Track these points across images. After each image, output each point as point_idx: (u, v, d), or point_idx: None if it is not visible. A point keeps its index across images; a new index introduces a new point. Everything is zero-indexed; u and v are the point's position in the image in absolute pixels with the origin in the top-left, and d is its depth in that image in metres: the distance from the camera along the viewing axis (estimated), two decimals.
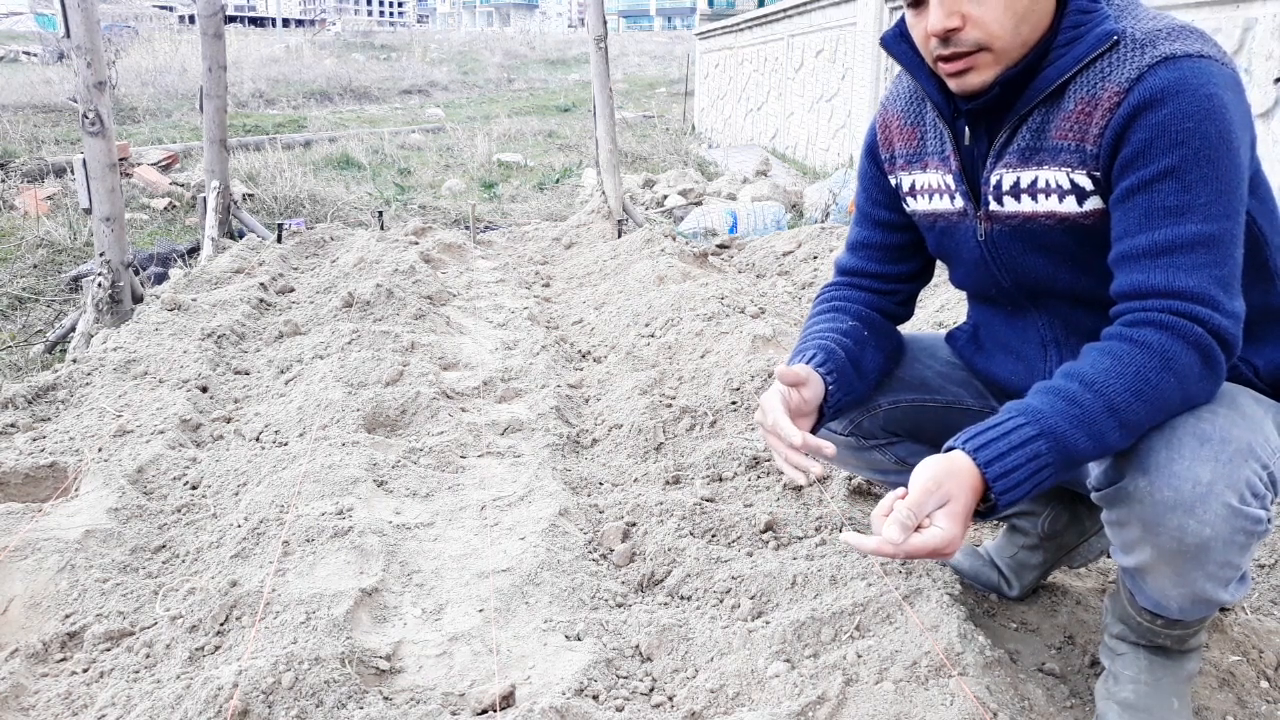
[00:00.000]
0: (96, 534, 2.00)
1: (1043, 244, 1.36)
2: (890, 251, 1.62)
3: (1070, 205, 1.30)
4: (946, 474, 1.17)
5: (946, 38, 1.25)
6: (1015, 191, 1.35)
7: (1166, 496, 1.18)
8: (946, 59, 1.28)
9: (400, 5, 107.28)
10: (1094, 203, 1.29)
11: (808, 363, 1.46)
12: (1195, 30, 1.24)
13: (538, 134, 13.21)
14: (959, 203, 1.44)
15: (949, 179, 1.44)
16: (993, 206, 1.39)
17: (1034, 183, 1.32)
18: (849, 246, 1.66)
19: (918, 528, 1.16)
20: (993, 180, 1.37)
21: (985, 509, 1.20)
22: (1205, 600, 1.27)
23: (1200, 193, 1.19)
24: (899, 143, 1.53)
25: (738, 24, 12.23)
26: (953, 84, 1.31)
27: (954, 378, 1.66)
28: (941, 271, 1.67)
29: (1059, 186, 1.30)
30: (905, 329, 1.72)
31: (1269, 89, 3.82)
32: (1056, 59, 1.27)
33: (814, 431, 1.45)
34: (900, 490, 1.19)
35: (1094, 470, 1.30)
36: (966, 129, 1.39)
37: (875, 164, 1.59)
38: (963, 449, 1.19)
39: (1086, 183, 1.28)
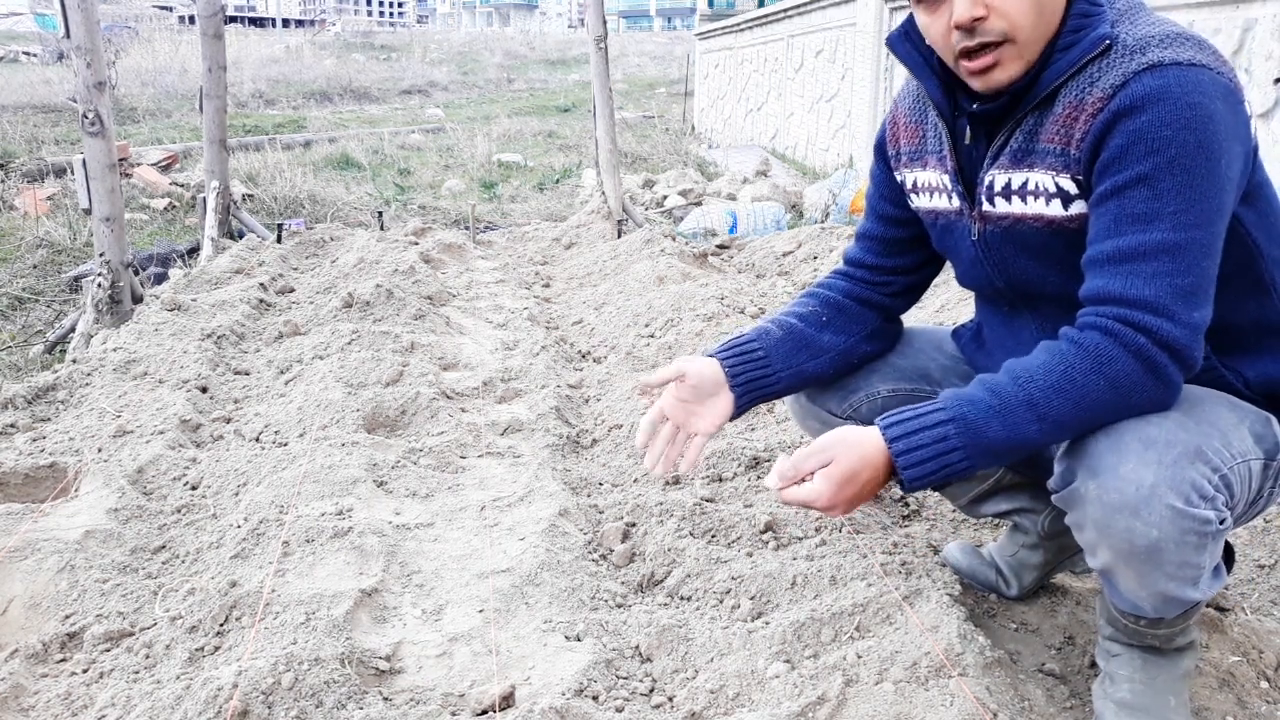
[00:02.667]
0: (96, 534, 2.00)
1: (1032, 246, 1.38)
2: (889, 245, 1.66)
3: (1056, 209, 1.32)
4: (839, 441, 1.29)
5: (972, 28, 1.25)
6: (1006, 193, 1.37)
7: (1113, 499, 1.21)
8: (971, 54, 1.27)
9: (400, 6, 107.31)
10: (1078, 207, 1.30)
11: (718, 348, 1.63)
12: (1193, 37, 1.24)
13: (538, 134, 13.21)
14: (955, 202, 1.47)
15: (945, 178, 1.47)
16: (985, 207, 1.41)
17: (1024, 185, 1.34)
18: (856, 236, 1.73)
19: (802, 481, 1.29)
20: (986, 180, 1.39)
21: (901, 483, 1.29)
22: (1174, 599, 1.28)
23: (1170, 201, 1.19)
24: (904, 140, 1.56)
25: (738, 24, 12.23)
26: (977, 82, 1.31)
27: (956, 371, 1.68)
28: (947, 270, 1.69)
29: (1046, 190, 1.32)
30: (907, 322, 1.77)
31: (1269, 89, 3.82)
32: (1055, 63, 1.28)
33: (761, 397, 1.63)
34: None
35: (1056, 471, 1.32)
36: (968, 130, 1.41)
37: (882, 159, 1.63)
38: (878, 424, 1.29)
39: (1071, 187, 1.29)
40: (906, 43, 1.43)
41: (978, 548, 1.90)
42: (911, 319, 1.79)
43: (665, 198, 7.80)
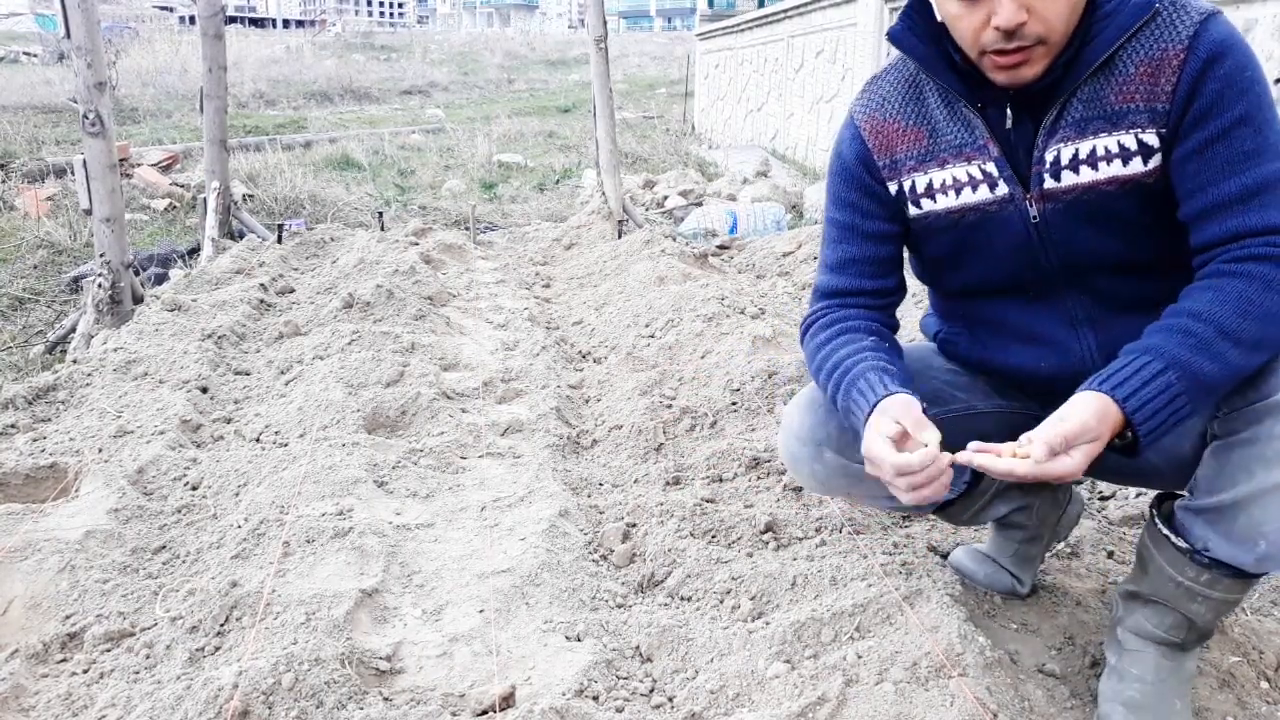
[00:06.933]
0: (97, 534, 2.00)
1: (1099, 213, 1.38)
2: (882, 265, 1.57)
3: (1136, 166, 1.33)
4: (1099, 416, 1.22)
5: (1013, 32, 1.27)
6: (1075, 164, 1.36)
7: None
8: (1002, 52, 1.30)
9: (400, 6, 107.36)
10: (1157, 160, 1.33)
11: (882, 394, 1.38)
12: None
13: (538, 134, 13.20)
14: (1003, 189, 1.42)
15: (990, 166, 1.41)
16: (1048, 184, 1.38)
17: (1093, 151, 1.35)
18: (832, 268, 1.58)
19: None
20: (1048, 157, 1.37)
21: (1122, 446, 1.25)
22: None
23: (1268, 134, 1.27)
24: (902, 146, 1.49)
25: (738, 25, 12.23)
26: (1002, 76, 1.33)
27: (959, 384, 1.63)
28: None
29: (1124, 150, 1.33)
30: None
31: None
32: (1101, 31, 1.31)
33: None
34: (1026, 434, 1.24)
35: (1227, 396, 1.30)
36: (1008, 113, 1.39)
37: (869, 173, 1.53)
38: (1099, 390, 1.24)
39: (1154, 141, 1.32)
40: (913, 36, 1.41)
41: (986, 554, 1.88)
42: (912, 319, 1.76)
43: (665, 198, 7.80)
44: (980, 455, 1.26)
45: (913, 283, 1.69)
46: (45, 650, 1.68)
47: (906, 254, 1.62)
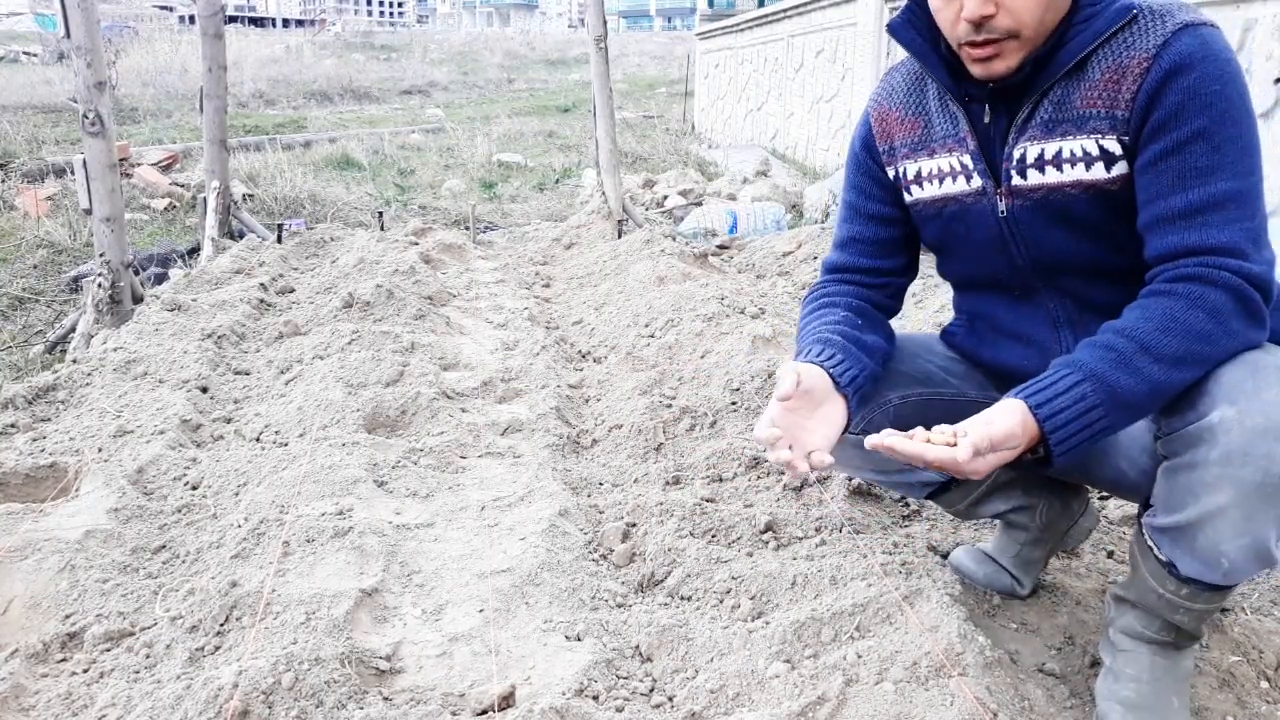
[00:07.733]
0: (96, 534, 2.00)
1: (1066, 215, 1.39)
2: (882, 246, 1.64)
3: (1098, 172, 1.34)
4: (1022, 425, 1.24)
5: (980, 24, 1.29)
6: (1040, 163, 1.38)
7: (1258, 423, 1.19)
8: (976, 44, 1.32)
9: (400, 6, 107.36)
10: (1121, 168, 1.33)
11: (803, 357, 1.47)
12: (1194, 7, 1.31)
13: (538, 134, 13.20)
14: (977, 182, 1.46)
15: (966, 159, 1.46)
16: (1015, 181, 1.41)
17: (1058, 153, 1.36)
18: (838, 245, 1.69)
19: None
20: (1015, 155, 1.40)
21: (1035, 460, 1.27)
22: (1261, 554, 1.26)
23: (1228, 152, 1.25)
24: (899, 134, 1.56)
25: (738, 24, 12.22)
26: (977, 69, 1.35)
27: (955, 371, 1.68)
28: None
29: (1086, 154, 1.34)
30: (899, 328, 1.73)
31: (1269, 89, 3.82)
32: (1076, 35, 1.32)
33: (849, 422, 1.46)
34: (954, 427, 1.26)
35: (1166, 418, 1.31)
36: (986, 108, 1.42)
37: (871, 158, 1.61)
38: (1020, 399, 1.25)
39: (1116, 148, 1.32)
40: (910, 29, 1.45)
41: (986, 554, 1.88)
42: (912, 319, 1.78)
43: (665, 198, 7.80)
44: (891, 438, 1.28)
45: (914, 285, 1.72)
46: (45, 650, 1.68)
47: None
